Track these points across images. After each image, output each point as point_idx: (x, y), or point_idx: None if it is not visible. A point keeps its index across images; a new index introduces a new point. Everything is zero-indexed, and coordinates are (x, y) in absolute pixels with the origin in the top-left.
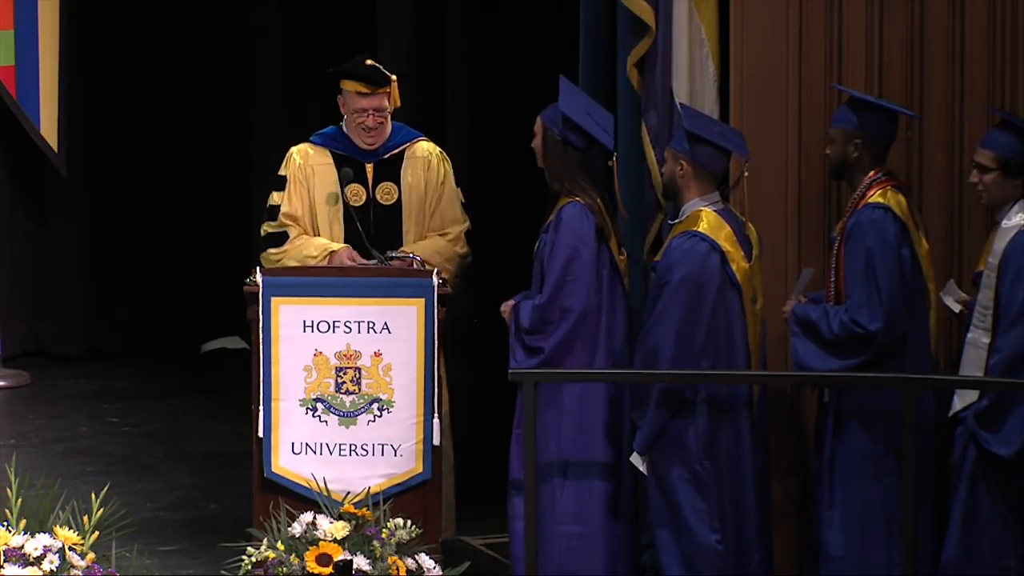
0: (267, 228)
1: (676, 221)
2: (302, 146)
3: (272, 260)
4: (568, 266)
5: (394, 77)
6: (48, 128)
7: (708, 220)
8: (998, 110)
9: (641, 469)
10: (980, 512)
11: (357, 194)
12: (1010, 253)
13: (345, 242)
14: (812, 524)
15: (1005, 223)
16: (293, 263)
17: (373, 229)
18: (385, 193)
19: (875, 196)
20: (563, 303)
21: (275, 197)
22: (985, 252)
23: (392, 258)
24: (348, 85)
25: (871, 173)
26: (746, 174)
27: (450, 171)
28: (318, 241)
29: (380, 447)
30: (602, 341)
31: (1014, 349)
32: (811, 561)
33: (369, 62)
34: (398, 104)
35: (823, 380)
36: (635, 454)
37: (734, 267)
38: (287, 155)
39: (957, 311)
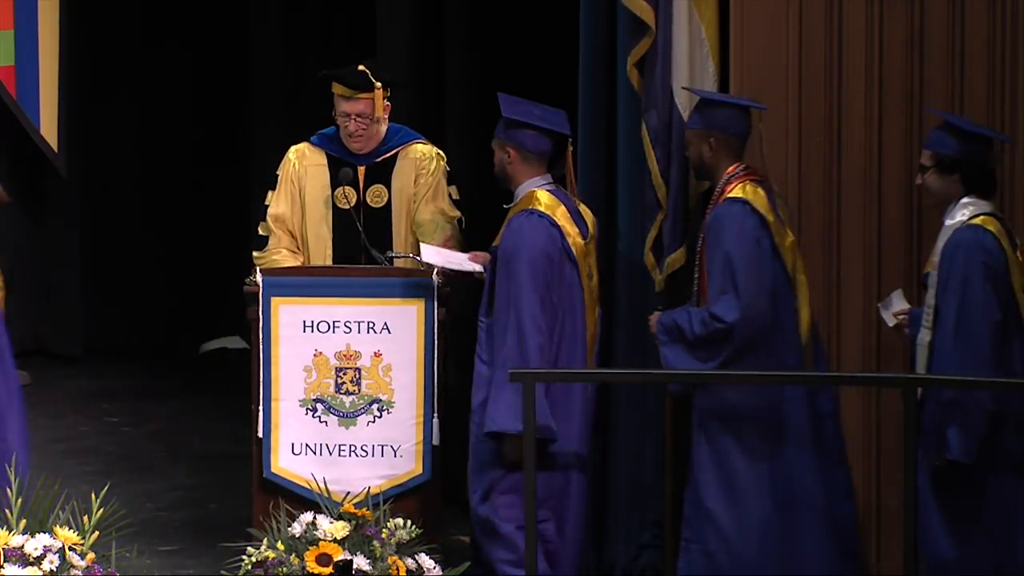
0: (259, 229)
1: (511, 205)
2: (301, 145)
3: (256, 262)
4: None
5: (379, 84)
6: (48, 128)
7: (543, 199)
8: (942, 112)
9: None
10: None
11: (347, 196)
12: (944, 254)
13: (336, 244)
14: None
15: (948, 222)
16: None
17: (362, 232)
18: (375, 196)
19: (734, 191)
20: None
21: (268, 196)
22: (932, 253)
23: (394, 258)
24: (334, 88)
25: (730, 169)
26: (571, 149)
27: (443, 167)
28: (286, 262)
29: (380, 448)
30: None
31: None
32: None
33: (361, 68)
34: (381, 113)
35: (819, 379)
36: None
37: (570, 241)
38: (286, 154)
39: (891, 324)
